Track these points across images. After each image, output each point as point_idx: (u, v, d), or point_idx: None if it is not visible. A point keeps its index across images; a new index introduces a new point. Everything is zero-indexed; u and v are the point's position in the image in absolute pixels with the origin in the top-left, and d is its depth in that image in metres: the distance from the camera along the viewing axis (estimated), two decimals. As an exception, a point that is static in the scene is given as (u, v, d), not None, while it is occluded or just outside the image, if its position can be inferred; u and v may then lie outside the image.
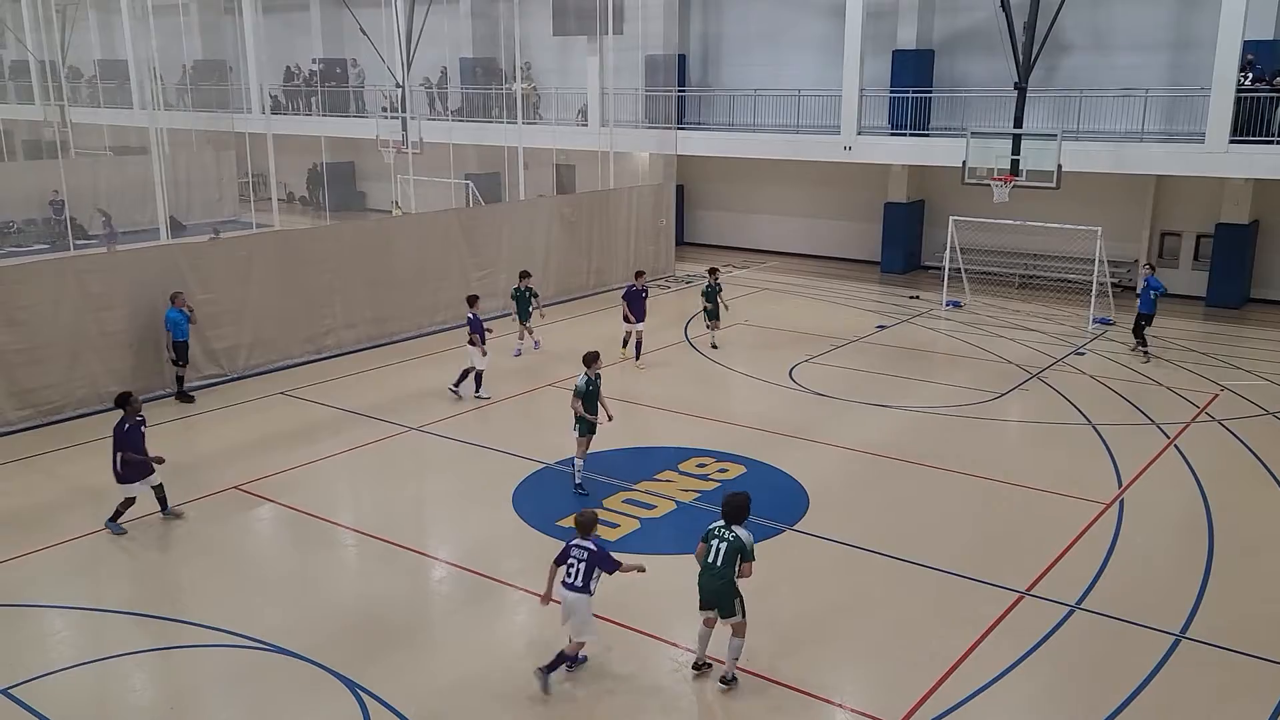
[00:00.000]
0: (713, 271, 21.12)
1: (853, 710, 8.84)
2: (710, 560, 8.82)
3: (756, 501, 12.49)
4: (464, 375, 17.27)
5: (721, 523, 8.97)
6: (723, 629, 9.05)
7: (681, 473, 14.07)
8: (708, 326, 20.74)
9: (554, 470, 14.17)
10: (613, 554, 9.14)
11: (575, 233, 25.35)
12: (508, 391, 17.56)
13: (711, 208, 33.98)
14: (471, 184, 32.57)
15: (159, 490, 12.25)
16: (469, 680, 9.23)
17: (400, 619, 10.32)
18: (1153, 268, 20.28)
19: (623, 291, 19.57)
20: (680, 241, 31.53)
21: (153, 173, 18.87)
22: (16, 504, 12.90)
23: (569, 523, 12.33)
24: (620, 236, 26.81)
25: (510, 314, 20.25)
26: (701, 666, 9.21)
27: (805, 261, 31.05)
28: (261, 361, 18.66)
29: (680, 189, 31.19)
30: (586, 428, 13.19)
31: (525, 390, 17.75)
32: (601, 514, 12.57)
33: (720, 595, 8.82)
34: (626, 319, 19.30)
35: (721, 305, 20.56)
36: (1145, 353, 19.70)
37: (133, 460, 11.75)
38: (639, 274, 19.76)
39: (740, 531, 8.86)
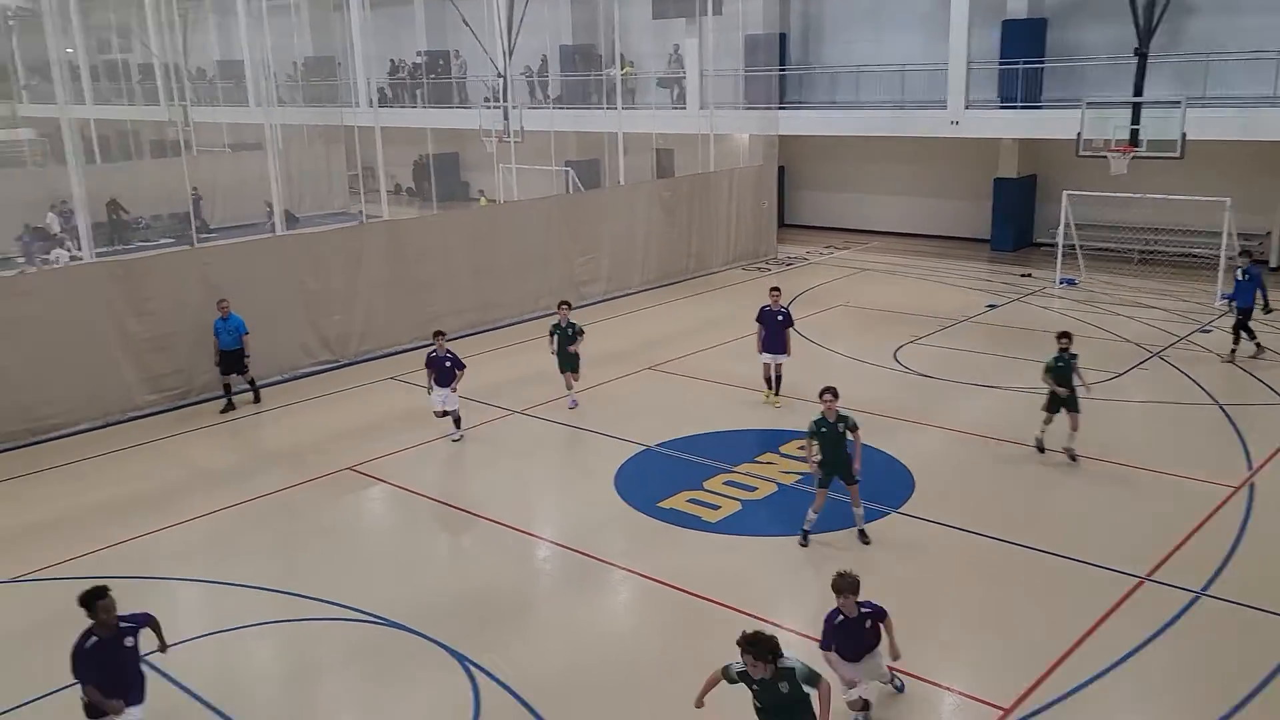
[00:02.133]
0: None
1: (962, 694, 8.66)
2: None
3: (861, 485, 12.30)
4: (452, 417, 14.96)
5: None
6: None
7: (783, 455, 13.96)
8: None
9: (655, 453, 14.23)
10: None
11: (675, 217, 25.34)
12: (607, 375, 17.69)
13: (814, 188, 33.51)
14: (572, 171, 32.84)
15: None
16: (574, 658, 9.36)
17: (507, 597, 10.53)
18: (1251, 255, 18.37)
19: (756, 313, 15.88)
20: (782, 223, 31.21)
21: (268, 168, 19.59)
22: (147, 485, 13.60)
23: (670, 504, 12.42)
24: (720, 219, 26.70)
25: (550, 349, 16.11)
26: None
27: (911, 241, 30.38)
28: (372, 347, 19.23)
29: (781, 170, 30.83)
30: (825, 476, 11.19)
31: (625, 374, 17.85)
32: (702, 495, 12.68)
33: None
34: (766, 347, 15.62)
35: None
36: (1257, 345, 17.60)
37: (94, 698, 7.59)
38: (774, 291, 15.92)
39: (796, 665, 6.94)
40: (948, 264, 26.89)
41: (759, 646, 6.72)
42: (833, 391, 11.15)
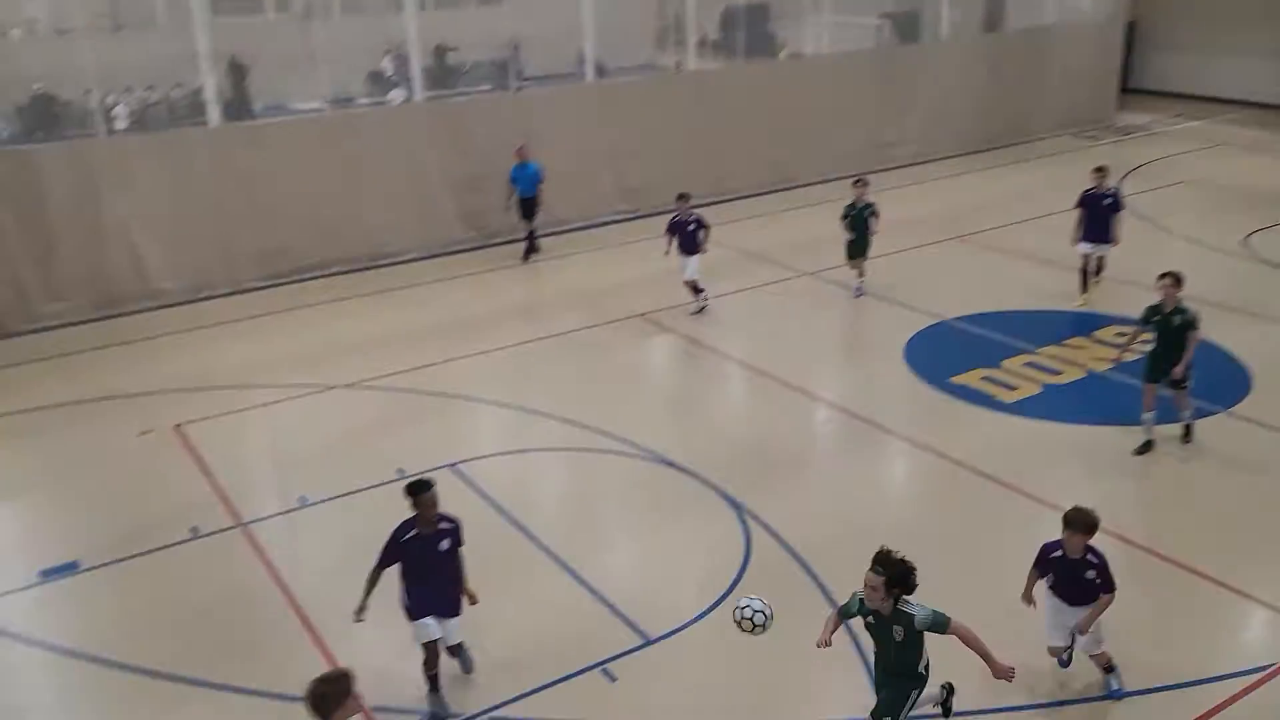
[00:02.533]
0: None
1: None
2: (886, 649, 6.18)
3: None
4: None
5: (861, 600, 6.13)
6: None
7: (1097, 340, 12.89)
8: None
9: (951, 326, 13.60)
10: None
11: (999, 75, 23.35)
12: (908, 244, 16.94)
13: (1167, 48, 29.55)
14: (887, 23, 30.91)
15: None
16: (845, 520, 9.35)
17: (784, 453, 10.64)
18: None
19: (1076, 198, 13.94)
20: (1125, 88, 27.90)
21: (581, 18, 19.98)
22: (462, 314, 14.83)
23: (963, 380, 11.90)
24: (1051, 80, 24.27)
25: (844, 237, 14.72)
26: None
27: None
28: (667, 200, 19.47)
29: (1130, 25, 27.39)
30: None
31: (927, 243, 17.02)
32: (998, 374, 12.03)
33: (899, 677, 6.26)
34: (1086, 235, 13.77)
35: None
36: None
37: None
38: (1098, 171, 13.95)
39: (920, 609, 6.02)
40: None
41: (887, 567, 5.76)
42: (1174, 277, 9.97)
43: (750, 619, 5.86)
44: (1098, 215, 13.73)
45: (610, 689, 7.24)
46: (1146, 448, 10.17)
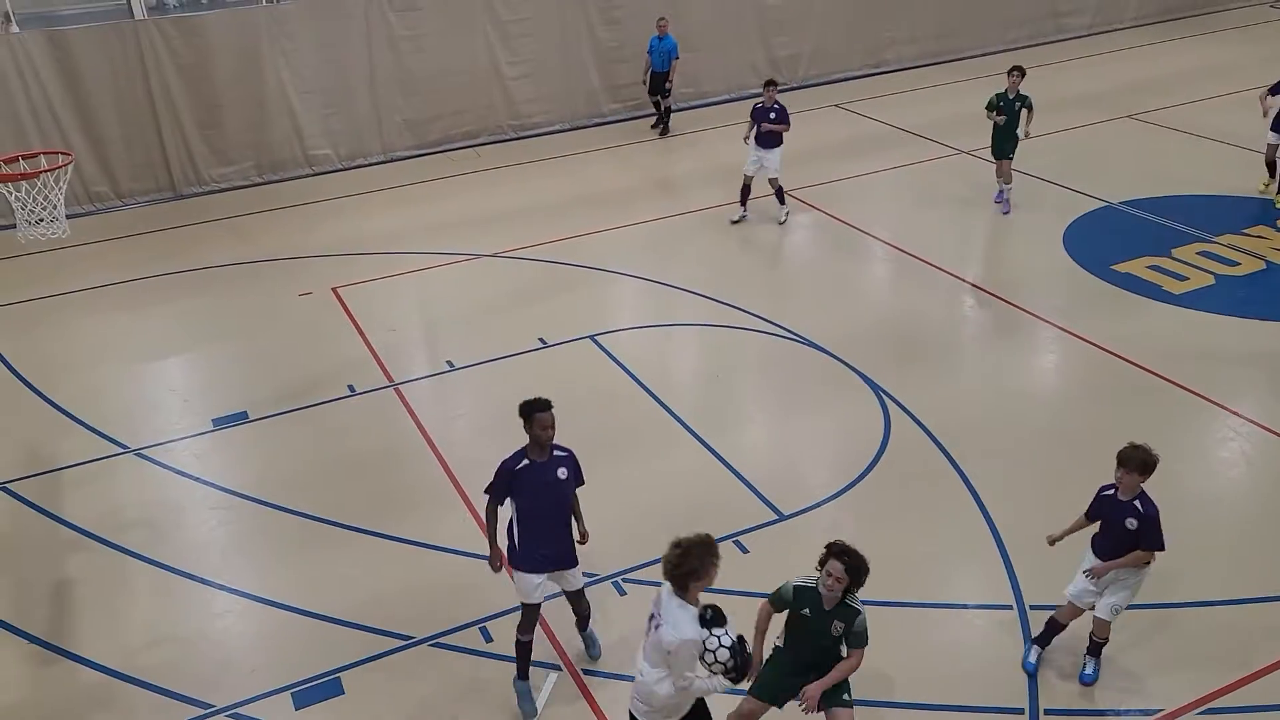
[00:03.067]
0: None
1: None
2: (804, 636, 5.52)
3: None
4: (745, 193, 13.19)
5: (809, 582, 5.45)
6: None
7: (1280, 229, 11.96)
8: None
9: (1117, 211, 12.80)
10: None
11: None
12: (1077, 121, 15.89)
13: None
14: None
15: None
16: (987, 406, 9.12)
17: (927, 336, 10.38)
18: None
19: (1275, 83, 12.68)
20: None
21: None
22: (605, 187, 14.81)
23: (1127, 268, 11.28)
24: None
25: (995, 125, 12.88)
26: None
27: None
28: (819, 72, 18.78)
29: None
30: None
31: (1098, 120, 15.92)
32: (1167, 264, 11.35)
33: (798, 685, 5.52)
34: (1276, 124, 12.59)
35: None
36: None
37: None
38: None
39: (857, 606, 5.42)
40: None
41: (852, 558, 5.20)
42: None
43: (714, 654, 4.90)
44: None
45: (742, 560, 7.39)
46: None
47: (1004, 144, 12.80)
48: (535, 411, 6.17)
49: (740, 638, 4.99)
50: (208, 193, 15.08)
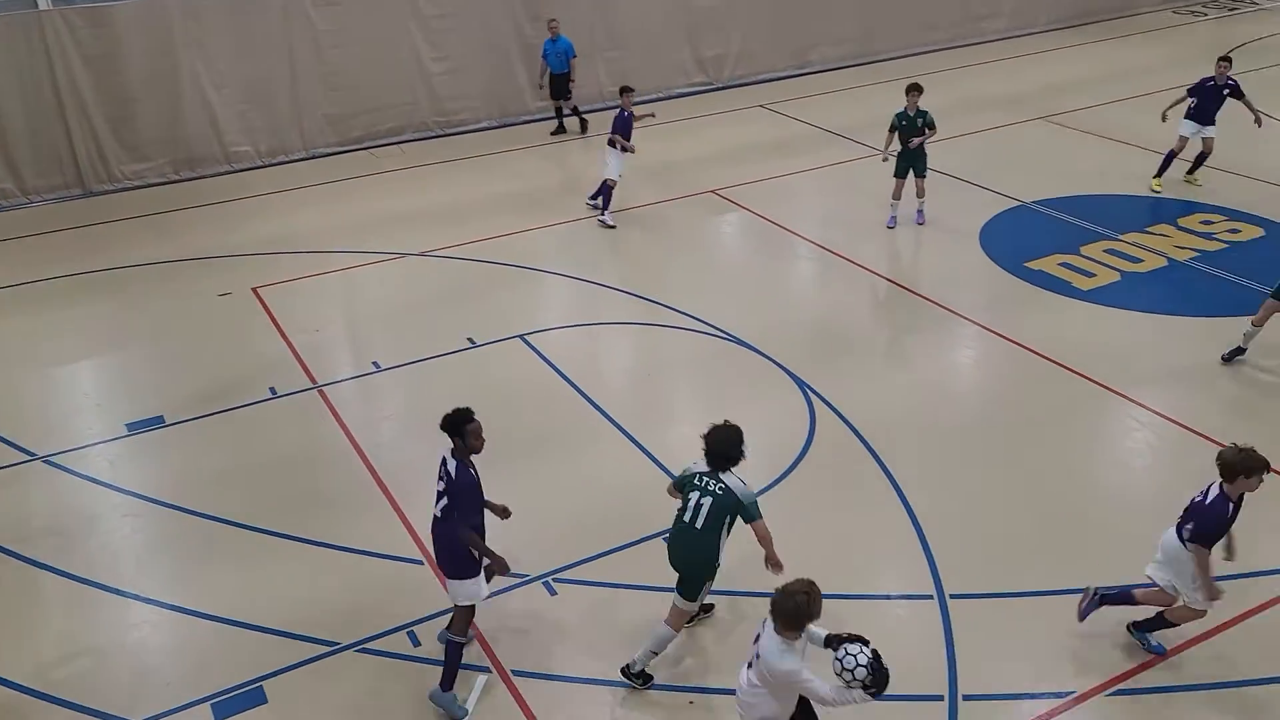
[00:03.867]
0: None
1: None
2: (688, 520, 6.17)
3: (1271, 270, 11.03)
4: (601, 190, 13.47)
5: (704, 468, 6.24)
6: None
7: (1180, 228, 12.44)
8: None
9: (1030, 210, 13.19)
10: None
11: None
12: (992, 122, 16.34)
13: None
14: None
15: None
16: (911, 402, 9.33)
17: (851, 332, 10.59)
18: None
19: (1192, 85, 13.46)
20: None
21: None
22: (532, 184, 14.77)
23: (1039, 265, 11.62)
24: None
25: None
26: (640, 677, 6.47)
27: None
28: (745, 72, 18.97)
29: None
30: None
31: (1012, 122, 16.38)
32: (1076, 261, 11.73)
33: (692, 565, 6.23)
34: (1194, 116, 13.37)
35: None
36: None
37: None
38: (1222, 63, 13.36)
39: (732, 482, 6.12)
40: None
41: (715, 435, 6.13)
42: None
43: (852, 672, 4.96)
44: (1208, 103, 13.36)
45: (670, 556, 7.45)
46: (1237, 354, 9.72)
47: (915, 162, 12.65)
48: (467, 423, 6.10)
49: (875, 652, 5.01)
50: (120, 190, 14.65)
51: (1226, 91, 13.32)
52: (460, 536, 6.07)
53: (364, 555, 7.59)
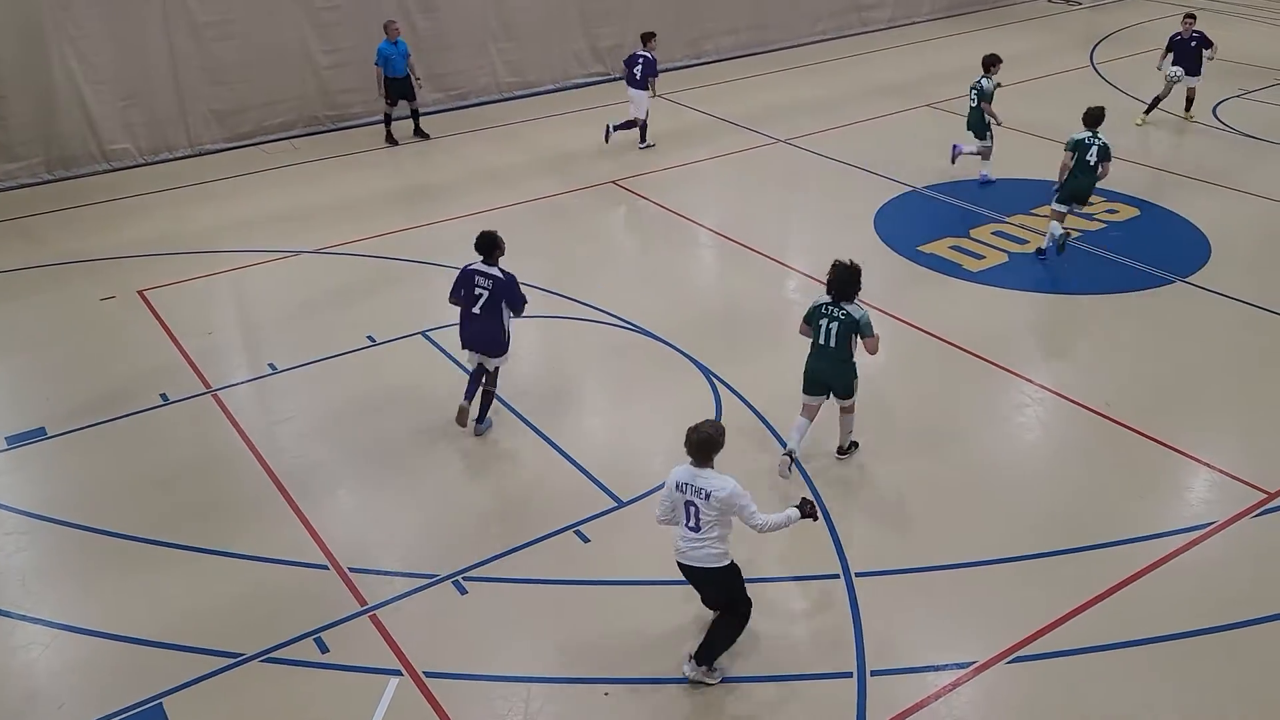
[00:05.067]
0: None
1: (1224, 473, 8.16)
2: (824, 343, 7.95)
3: (1147, 248, 11.63)
4: (628, 125, 15.15)
5: (828, 300, 7.93)
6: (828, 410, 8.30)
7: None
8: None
9: (921, 195, 13.56)
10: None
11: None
12: (881, 110, 16.73)
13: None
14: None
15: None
16: (813, 384, 9.51)
17: (754, 319, 10.72)
18: None
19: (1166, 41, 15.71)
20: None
21: None
22: (431, 178, 14.55)
23: (931, 249, 11.95)
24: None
25: None
26: (792, 459, 8.11)
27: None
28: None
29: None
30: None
31: (900, 110, 16.80)
32: (966, 244, 12.11)
33: (838, 378, 8.05)
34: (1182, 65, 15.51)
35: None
36: None
37: None
38: (1188, 19, 15.55)
39: (851, 309, 7.85)
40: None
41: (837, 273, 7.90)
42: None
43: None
44: (1187, 54, 15.51)
45: (583, 549, 7.46)
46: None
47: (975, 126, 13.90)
48: (497, 240, 8.45)
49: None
50: (-9, 191, 13.92)
51: (1194, 43, 15.39)
52: (518, 314, 8.57)
53: (266, 562, 7.39)
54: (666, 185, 14.04)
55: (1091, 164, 11.19)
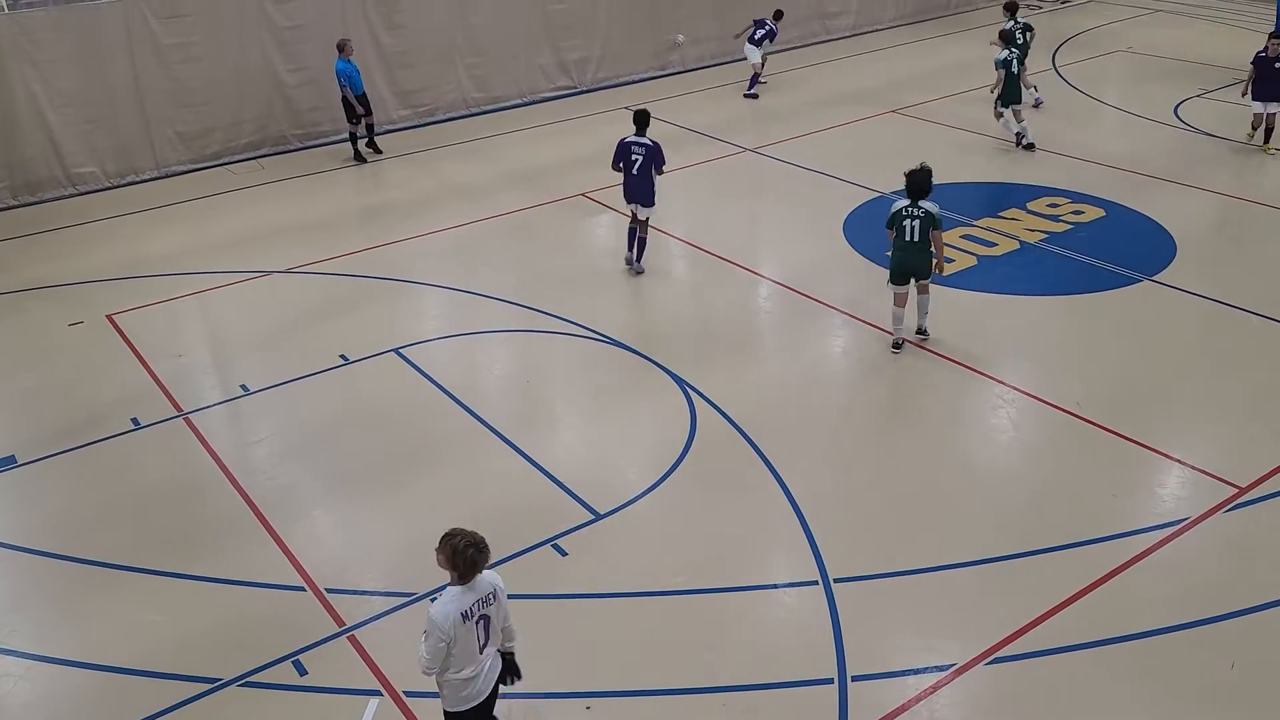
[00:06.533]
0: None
1: (1195, 468, 8.26)
2: (910, 239, 9.61)
3: (1113, 248, 11.80)
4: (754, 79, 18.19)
5: (907, 201, 9.60)
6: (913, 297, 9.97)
7: (1029, 211, 13.09)
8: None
9: (889, 200, 13.63)
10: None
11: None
12: (848, 117, 16.87)
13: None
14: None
15: None
16: (786, 390, 9.56)
17: (727, 328, 10.76)
18: None
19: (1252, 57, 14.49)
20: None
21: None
22: (400, 195, 14.51)
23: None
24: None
25: None
26: (901, 344, 9.92)
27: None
28: (608, 75, 19.06)
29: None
30: None
31: (866, 116, 16.95)
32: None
33: (921, 265, 9.72)
34: (1261, 94, 14.33)
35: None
36: None
37: None
38: (1275, 36, 14.19)
39: (927, 205, 9.54)
40: (1267, 8, 23.16)
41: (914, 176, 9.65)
42: None
43: None
44: (1269, 76, 14.15)
45: (561, 563, 7.45)
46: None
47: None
48: (648, 116, 11.55)
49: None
50: (-47, 218, 13.74)
51: (1278, 64, 14.05)
52: (660, 173, 11.51)
53: (241, 585, 7.32)
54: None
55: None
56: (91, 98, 14.35)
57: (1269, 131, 14.57)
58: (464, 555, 5.21)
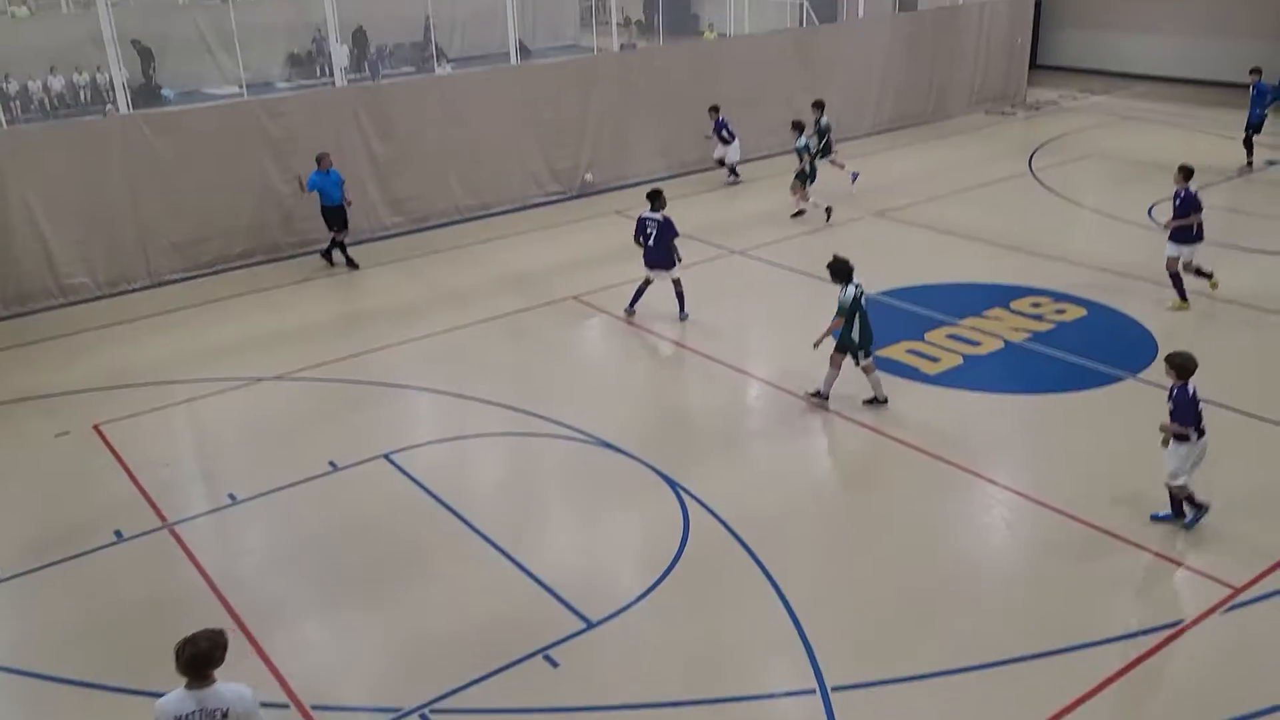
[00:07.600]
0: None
1: (1191, 568, 8.20)
2: (866, 311, 10.79)
3: (1096, 346, 11.88)
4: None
5: (853, 284, 10.74)
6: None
7: (1013, 311, 13.28)
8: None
9: (875, 301, 13.81)
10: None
11: (916, 54, 23.75)
12: (835, 219, 17.21)
13: (1072, 25, 30.39)
14: (806, 2, 31.18)
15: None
16: (779, 494, 9.52)
17: (719, 429, 10.78)
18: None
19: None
20: (1034, 64, 28.58)
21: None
22: (391, 300, 14.64)
23: (888, 353, 12.17)
24: (966, 58, 24.82)
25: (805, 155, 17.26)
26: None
27: (1181, 87, 27.24)
28: (598, 180, 19.48)
29: (1039, 3, 28.06)
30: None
31: (849, 220, 17.30)
32: (921, 347, 12.34)
33: (872, 334, 10.80)
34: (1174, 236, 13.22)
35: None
36: None
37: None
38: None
39: (858, 281, 10.74)
40: (1223, 114, 23.98)
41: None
42: None
43: None
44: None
45: (553, 674, 7.29)
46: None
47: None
48: (660, 194, 12.73)
49: None
50: (-56, 329, 13.78)
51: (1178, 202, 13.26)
52: (674, 247, 13.06)
53: (226, 704, 7.11)
54: (626, 298, 14.21)
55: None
56: (87, 209, 14.55)
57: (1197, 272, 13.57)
58: (180, 654, 4.97)
